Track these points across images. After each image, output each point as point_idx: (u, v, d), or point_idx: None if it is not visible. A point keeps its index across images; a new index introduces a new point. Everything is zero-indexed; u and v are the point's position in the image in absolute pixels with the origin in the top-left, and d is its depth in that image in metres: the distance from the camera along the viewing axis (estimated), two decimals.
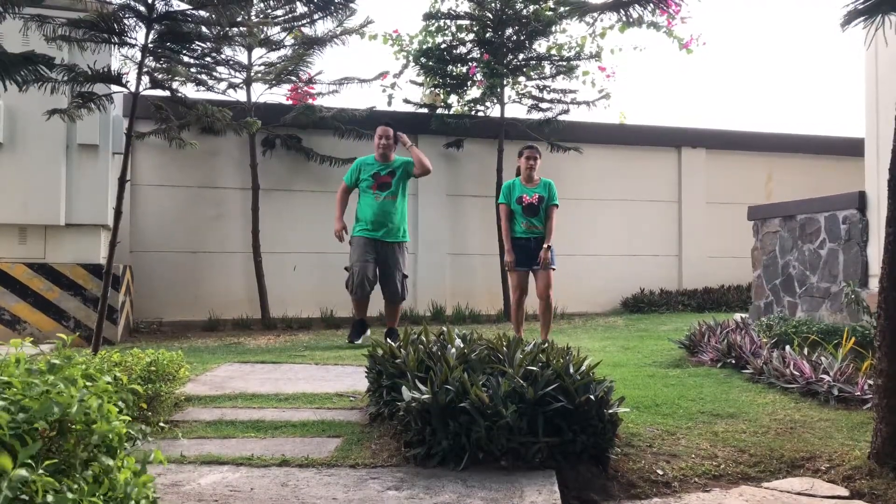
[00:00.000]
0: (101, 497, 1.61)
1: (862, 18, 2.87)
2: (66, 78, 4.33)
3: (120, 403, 1.93)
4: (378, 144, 6.42)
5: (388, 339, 6.07)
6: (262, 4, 7.71)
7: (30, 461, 1.49)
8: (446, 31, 8.92)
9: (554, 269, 5.90)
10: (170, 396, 3.64)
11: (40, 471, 1.49)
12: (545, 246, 5.78)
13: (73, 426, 1.68)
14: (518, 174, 6.06)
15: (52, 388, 1.75)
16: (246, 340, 6.65)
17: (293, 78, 7.85)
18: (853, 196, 5.31)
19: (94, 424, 1.72)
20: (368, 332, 6.48)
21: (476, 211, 8.82)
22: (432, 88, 8.94)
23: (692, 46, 9.90)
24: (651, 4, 3.16)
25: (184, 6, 4.49)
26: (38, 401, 1.66)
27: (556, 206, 5.93)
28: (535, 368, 2.91)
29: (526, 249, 5.86)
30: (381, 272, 6.31)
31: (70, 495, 1.50)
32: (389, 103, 9.41)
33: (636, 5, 3.13)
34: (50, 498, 1.46)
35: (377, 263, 6.28)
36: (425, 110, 8.79)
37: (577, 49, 9.06)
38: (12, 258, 6.36)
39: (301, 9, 7.69)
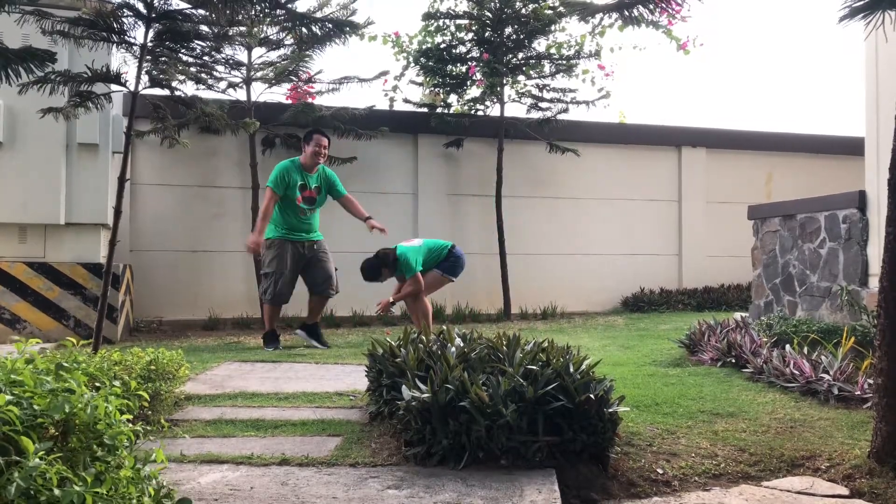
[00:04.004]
0: (104, 496, 1.62)
1: (862, 15, 2.86)
2: (63, 79, 4.34)
3: (124, 408, 1.94)
4: (316, 153, 6.07)
5: (305, 333, 6.14)
6: (261, 5, 7.69)
7: (41, 455, 1.51)
8: (445, 31, 8.92)
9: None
10: (170, 395, 3.64)
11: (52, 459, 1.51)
12: None
13: (79, 426, 1.69)
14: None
15: (63, 386, 1.76)
16: (246, 339, 6.65)
17: (293, 77, 7.84)
18: (853, 195, 5.30)
19: (98, 425, 1.73)
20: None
21: (476, 210, 8.82)
22: (432, 88, 8.94)
23: (689, 48, 9.92)
24: (653, 4, 3.15)
25: (183, 5, 4.49)
26: (47, 399, 1.67)
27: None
28: (535, 367, 2.91)
29: None
30: (312, 267, 6.13)
31: (77, 487, 1.51)
32: (391, 105, 9.43)
33: (639, 6, 3.12)
34: (57, 491, 1.47)
35: (304, 262, 6.11)
36: (425, 110, 8.79)
37: (577, 48, 9.06)
38: (12, 257, 6.36)
39: (302, 7, 7.69)
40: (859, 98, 5.86)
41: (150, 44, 4.57)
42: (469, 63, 8.65)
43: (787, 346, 4.63)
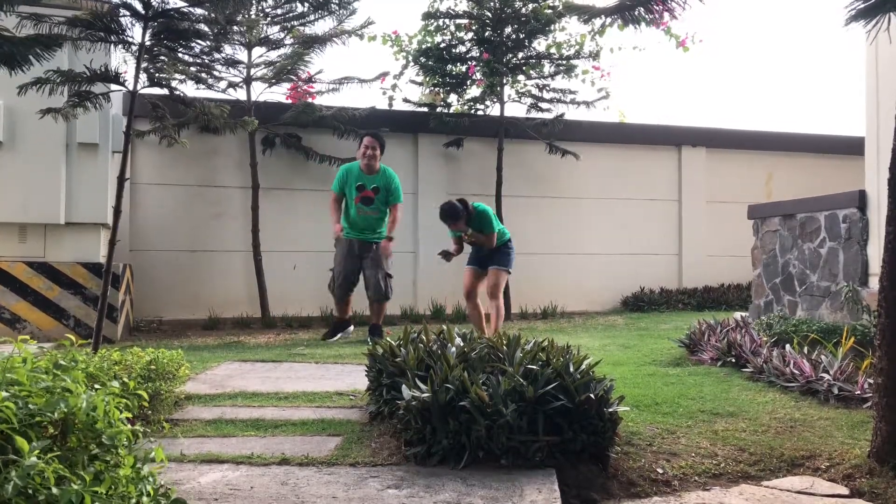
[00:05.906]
0: (104, 494, 1.62)
1: (864, 20, 2.86)
2: (62, 79, 4.33)
3: (122, 407, 1.94)
4: (364, 154, 6.47)
5: (371, 336, 6.28)
6: (262, 3, 7.70)
7: (38, 455, 1.50)
8: (445, 31, 8.91)
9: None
10: (170, 395, 3.64)
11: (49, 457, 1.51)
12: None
13: (77, 425, 1.69)
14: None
15: (60, 386, 1.76)
16: (246, 339, 6.65)
17: (292, 76, 7.84)
18: (853, 195, 5.30)
19: (97, 424, 1.73)
20: (351, 328, 6.69)
21: None
22: (432, 88, 8.94)
23: (688, 44, 9.93)
24: (652, 7, 3.15)
25: (181, 4, 4.49)
26: (44, 398, 1.67)
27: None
28: (535, 367, 2.91)
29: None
30: (363, 271, 6.47)
31: (75, 486, 1.51)
32: (390, 105, 9.42)
33: (639, 9, 3.12)
34: (55, 490, 1.47)
35: (360, 263, 6.46)
36: (425, 109, 8.78)
37: (577, 47, 9.06)
38: (12, 257, 6.35)
39: (300, 7, 7.69)
40: (859, 98, 5.86)
41: (148, 43, 4.57)
42: (469, 63, 8.64)
43: (787, 346, 4.63)
